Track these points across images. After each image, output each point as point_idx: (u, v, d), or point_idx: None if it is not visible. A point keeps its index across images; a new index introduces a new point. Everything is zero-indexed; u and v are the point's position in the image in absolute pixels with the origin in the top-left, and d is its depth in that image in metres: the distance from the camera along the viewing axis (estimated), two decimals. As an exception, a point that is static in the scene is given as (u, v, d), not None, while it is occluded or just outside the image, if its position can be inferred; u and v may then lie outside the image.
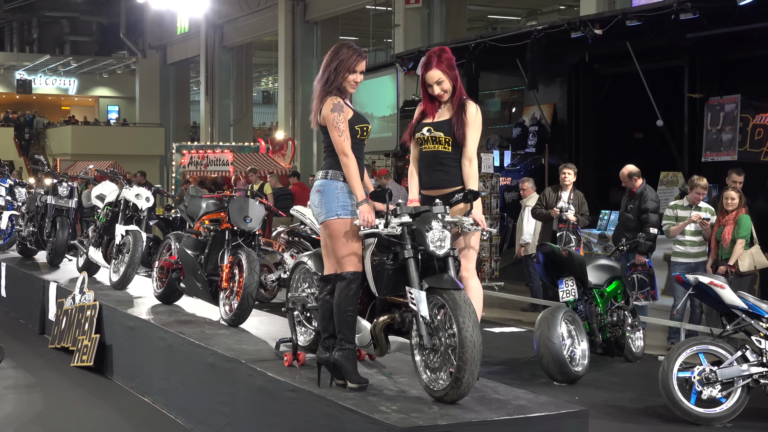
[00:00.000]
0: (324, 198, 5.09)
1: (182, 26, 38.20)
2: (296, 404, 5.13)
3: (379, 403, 4.72)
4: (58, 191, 10.94)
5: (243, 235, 7.27)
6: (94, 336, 8.06)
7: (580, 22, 13.31)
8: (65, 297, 8.96)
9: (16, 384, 7.83)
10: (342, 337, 5.06)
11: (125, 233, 8.92)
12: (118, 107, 47.57)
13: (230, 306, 7.05)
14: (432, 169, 5.26)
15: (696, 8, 11.58)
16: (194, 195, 8.37)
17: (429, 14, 23.60)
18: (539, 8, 30.40)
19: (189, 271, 7.57)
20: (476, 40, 15.29)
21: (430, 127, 5.25)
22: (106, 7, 42.34)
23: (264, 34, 32.78)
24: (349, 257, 5.05)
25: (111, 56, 44.67)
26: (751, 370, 6.87)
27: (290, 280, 6.01)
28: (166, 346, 6.94)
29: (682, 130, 14.46)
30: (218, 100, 35.25)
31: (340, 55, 5.14)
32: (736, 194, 9.25)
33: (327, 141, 5.15)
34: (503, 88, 20.92)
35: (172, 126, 40.87)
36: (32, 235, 11.42)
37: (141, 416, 6.92)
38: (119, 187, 9.58)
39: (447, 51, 5.30)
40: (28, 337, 9.88)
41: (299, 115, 29.06)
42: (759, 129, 13.29)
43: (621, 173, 10.42)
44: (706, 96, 13.86)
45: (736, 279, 8.92)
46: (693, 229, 9.67)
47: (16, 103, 45.69)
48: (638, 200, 10.17)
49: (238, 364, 5.81)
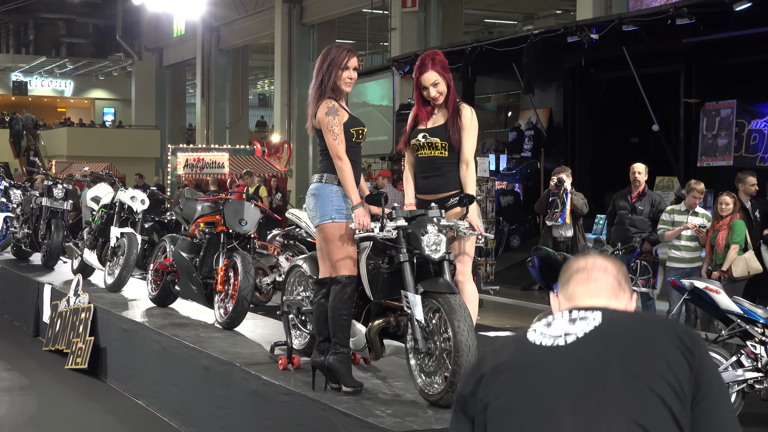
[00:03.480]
0: (319, 201, 5.08)
1: (178, 29, 38.22)
2: (291, 408, 5.12)
3: (373, 407, 4.71)
4: (53, 193, 10.91)
5: (238, 238, 7.27)
6: (89, 338, 8.04)
7: (577, 26, 13.34)
8: (60, 299, 8.94)
9: (9, 386, 7.81)
10: (337, 341, 5.04)
11: (120, 236, 8.91)
12: (114, 109, 47.54)
13: (225, 309, 7.04)
14: (428, 174, 5.24)
15: (692, 14, 11.62)
16: (189, 197, 8.36)
17: (425, 18, 23.62)
18: (536, 12, 30.45)
19: (184, 274, 7.56)
20: (472, 44, 15.32)
21: (426, 133, 5.24)
22: (102, 9, 42.32)
23: (260, 36, 32.80)
24: (344, 261, 5.04)
25: (107, 58, 44.67)
26: (746, 375, 6.87)
27: (285, 283, 6.01)
28: (161, 349, 6.92)
29: (677, 135, 14.49)
30: (214, 102, 35.25)
31: (330, 55, 5.15)
32: (731, 199, 9.25)
33: (322, 144, 5.14)
34: (499, 92, 20.95)
35: (167, 128, 40.86)
36: (27, 237, 11.40)
37: (135, 419, 6.90)
38: (114, 190, 9.58)
39: (440, 54, 5.31)
40: (22, 340, 9.86)
41: (295, 118, 29.06)
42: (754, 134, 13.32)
43: (637, 167, 10.22)
44: (702, 101, 13.89)
45: (729, 284, 8.91)
46: (689, 234, 9.67)
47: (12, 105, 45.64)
48: (648, 201, 10.12)
49: (232, 368, 5.80)
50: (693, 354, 2.06)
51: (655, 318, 2.22)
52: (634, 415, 1.97)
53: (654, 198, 10.22)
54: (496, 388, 2.09)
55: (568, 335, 2.12)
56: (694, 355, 2.06)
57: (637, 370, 2.01)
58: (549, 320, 2.20)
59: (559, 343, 2.11)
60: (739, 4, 11.34)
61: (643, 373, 2.01)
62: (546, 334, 2.15)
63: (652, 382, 2.00)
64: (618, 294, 2.29)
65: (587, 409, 1.99)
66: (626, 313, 2.19)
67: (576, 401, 2.00)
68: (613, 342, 2.07)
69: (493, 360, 2.16)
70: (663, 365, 2.02)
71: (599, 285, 2.29)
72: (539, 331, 2.17)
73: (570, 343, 2.09)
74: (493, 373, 2.12)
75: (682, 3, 11.99)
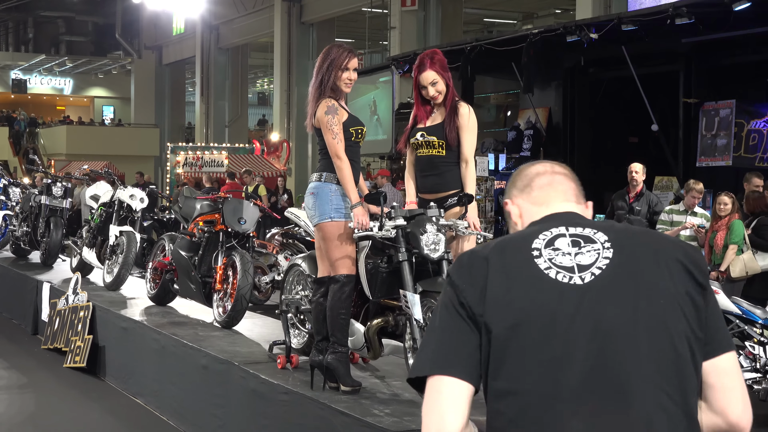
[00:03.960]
0: (317, 200, 5.08)
1: (178, 27, 38.21)
2: (289, 407, 5.12)
3: (371, 406, 4.71)
4: (52, 191, 10.91)
5: (237, 236, 7.27)
6: (87, 337, 8.04)
7: (576, 26, 13.33)
8: (58, 297, 8.94)
9: (8, 384, 7.81)
10: (335, 340, 5.04)
11: (119, 234, 8.91)
12: (113, 107, 47.53)
13: (224, 308, 7.04)
14: (426, 173, 5.25)
15: (692, 13, 11.61)
16: (188, 196, 8.37)
17: (425, 17, 23.61)
18: (535, 12, 30.46)
19: (183, 273, 7.56)
20: (472, 43, 15.31)
21: (423, 131, 5.25)
22: (101, 7, 42.30)
23: (260, 35, 32.79)
24: (342, 260, 5.04)
25: (106, 56, 44.65)
26: (745, 376, 6.87)
27: (284, 282, 6.01)
28: (159, 347, 6.92)
29: (677, 134, 14.48)
30: (213, 101, 35.25)
31: (330, 55, 5.14)
32: (729, 200, 9.25)
33: (321, 143, 5.14)
34: (498, 92, 20.93)
35: (167, 127, 40.86)
36: (26, 235, 11.40)
37: (133, 418, 6.90)
38: (113, 188, 9.57)
39: (439, 53, 5.32)
40: (21, 338, 9.85)
41: (294, 116, 29.06)
42: (753, 134, 13.31)
43: (635, 167, 10.19)
44: (701, 101, 13.87)
45: (727, 284, 8.91)
46: (687, 234, 9.67)
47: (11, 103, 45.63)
48: (645, 201, 10.11)
49: (231, 366, 5.79)
50: (705, 290, 1.99)
51: (663, 244, 2.05)
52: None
53: (651, 199, 10.20)
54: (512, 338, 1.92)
55: (582, 269, 1.96)
56: (705, 291, 1.99)
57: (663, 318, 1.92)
58: (546, 236, 2.03)
59: (576, 282, 1.94)
60: (738, 3, 11.33)
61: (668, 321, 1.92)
62: (556, 262, 1.98)
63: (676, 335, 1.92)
64: (580, 200, 2.21)
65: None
66: (632, 236, 2.04)
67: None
68: (635, 285, 1.94)
69: (503, 292, 1.95)
70: (682, 317, 1.94)
71: (565, 188, 2.21)
72: (545, 255, 1.99)
73: (588, 282, 1.94)
74: (503, 318, 1.93)
75: (681, 2, 11.99)
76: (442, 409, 1.90)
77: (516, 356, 1.90)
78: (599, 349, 1.87)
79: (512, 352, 1.90)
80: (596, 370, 1.87)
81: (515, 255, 2.00)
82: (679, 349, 1.91)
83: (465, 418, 1.92)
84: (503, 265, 1.98)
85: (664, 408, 1.88)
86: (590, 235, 2.03)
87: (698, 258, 2.02)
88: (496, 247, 2.03)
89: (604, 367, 1.87)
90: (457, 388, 1.92)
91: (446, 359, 1.94)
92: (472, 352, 1.94)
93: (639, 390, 1.87)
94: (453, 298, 1.98)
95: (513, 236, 2.09)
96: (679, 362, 1.91)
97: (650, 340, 1.89)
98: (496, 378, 1.92)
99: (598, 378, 1.86)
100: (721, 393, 1.98)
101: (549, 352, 1.88)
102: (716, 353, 1.97)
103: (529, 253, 1.99)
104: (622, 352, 1.88)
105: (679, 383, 1.90)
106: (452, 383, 1.92)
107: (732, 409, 1.97)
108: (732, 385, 1.98)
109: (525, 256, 1.99)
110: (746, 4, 11.32)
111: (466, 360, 1.94)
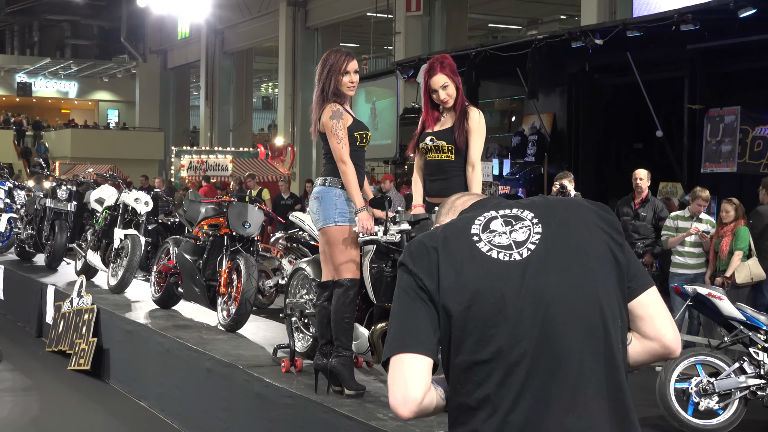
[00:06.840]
0: (322, 205, 5.09)
1: (183, 31, 38.30)
2: (293, 411, 5.12)
3: (375, 410, 4.71)
4: (57, 194, 10.93)
5: (241, 240, 7.28)
6: (92, 340, 8.05)
7: (581, 32, 13.33)
8: (63, 300, 8.96)
9: (12, 387, 7.82)
10: (339, 344, 5.05)
11: (124, 237, 8.92)
12: (118, 111, 47.65)
13: (228, 311, 7.04)
14: (434, 178, 5.27)
15: (697, 20, 11.60)
16: (193, 200, 8.38)
17: (430, 22, 23.65)
18: (540, 17, 30.48)
19: (187, 276, 7.57)
20: (477, 49, 15.31)
21: (433, 136, 5.26)
22: (107, 11, 42.43)
23: (264, 39, 32.84)
24: (346, 264, 5.04)
25: (111, 60, 44.78)
26: (748, 382, 6.86)
27: (288, 286, 6.01)
28: (164, 350, 6.93)
29: (681, 141, 14.46)
30: (218, 105, 35.31)
31: (329, 61, 5.14)
32: (731, 207, 9.25)
33: (326, 148, 5.14)
34: (503, 97, 20.94)
35: (171, 130, 40.93)
36: (31, 238, 11.42)
37: (137, 421, 6.91)
38: (118, 191, 9.59)
39: (448, 58, 5.34)
40: (26, 340, 9.87)
41: (299, 121, 29.09)
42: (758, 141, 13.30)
43: (639, 173, 10.18)
44: (706, 107, 13.86)
45: (732, 291, 8.90)
46: (692, 240, 9.66)
47: (16, 106, 45.72)
48: (651, 207, 10.10)
49: (235, 370, 5.80)
50: (623, 248, 2.20)
51: (581, 212, 2.25)
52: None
53: (657, 205, 10.19)
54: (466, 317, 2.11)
55: (519, 245, 2.16)
56: (623, 249, 2.20)
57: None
58: (481, 221, 2.23)
59: (516, 258, 2.14)
60: (743, 10, 11.32)
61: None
62: (495, 243, 2.17)
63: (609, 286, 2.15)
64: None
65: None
66: (554, 210, 2.24)
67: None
68: (568, 253, 2.15)
69: (453, 275, 2.15)
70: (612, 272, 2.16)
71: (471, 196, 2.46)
72: (485, 239, 2.19)
73: (526, 257, 2.14)
74: (458, 298, 2.12)
75: (686, 9, 11.98)
76: (406, 378, 2.12)
77: (475, 333, 2.10)
78: (544, 314, 2.08)
79: (471, 330, 2.10)
80: (543, 335, 2.07)
81: (458, 243, 2.20)
82: (605, 310, 2.11)
83: (427, 385, 2.14)
84: (449, 254, 2.18)
85: (593, 365, 2.07)
86: (518, 213, 2.24)
87: (612, 219, 2.23)
88: (439, 237, 2.22)
89: (548, 333, 2.07)
90: (418, 360, 2.13)
91: (408, 340, 2.14)
92: (434, 331, 2.15)
93: (572, 347, 2.07)
94: (412, 283, 2.18)
95: (452, 227, 2.27)
96: (606, 323, 2.10)
97: (585, 301, 2.10)
98: (458, 353, 2.12)
99: (544, 341, 2.07)
100: (651, 321, 2.22)
101: (504, 324, 2.08)
102: (639, 291, 2.21)
103: (470, 239, 2.20)
104: (561, 316, 2.08)
105: (605, 339, 2.10)
106: (413, 357, 2.13)
107: (665, 332, 2.22)
108: (659, 312, 2.23)
109: (467, 243, 2.19)
110: (751, 10, 11.31)
111: (426, 339, 2.14)
